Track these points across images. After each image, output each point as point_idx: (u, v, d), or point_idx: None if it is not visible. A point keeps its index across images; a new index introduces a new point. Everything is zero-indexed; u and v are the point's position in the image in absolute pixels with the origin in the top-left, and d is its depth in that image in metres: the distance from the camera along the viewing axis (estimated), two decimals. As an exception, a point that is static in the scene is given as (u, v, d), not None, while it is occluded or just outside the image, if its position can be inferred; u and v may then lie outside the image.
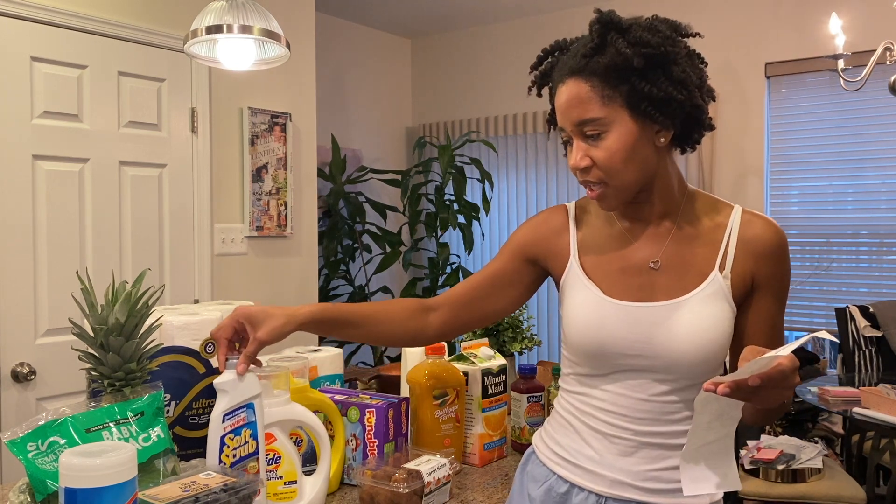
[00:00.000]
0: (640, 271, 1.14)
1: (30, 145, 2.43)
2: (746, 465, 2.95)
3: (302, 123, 3.37)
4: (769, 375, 0.88)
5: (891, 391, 2.75)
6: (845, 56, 2.90)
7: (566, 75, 1.09)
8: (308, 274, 3.42)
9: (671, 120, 1.07)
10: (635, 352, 1.10)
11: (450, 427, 1.54)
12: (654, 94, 1.04)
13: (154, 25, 2.77)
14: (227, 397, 1.13)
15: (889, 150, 3.76)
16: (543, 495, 1.18)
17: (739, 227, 1.12)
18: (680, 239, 1.14)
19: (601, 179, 1.09)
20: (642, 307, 1.11)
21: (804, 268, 3.99)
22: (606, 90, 1.05)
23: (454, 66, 5.16)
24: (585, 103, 1.06)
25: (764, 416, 1.07)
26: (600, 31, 1.06)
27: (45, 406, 2.43)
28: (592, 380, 1.16)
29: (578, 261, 1.19)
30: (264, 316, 1.18)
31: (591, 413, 1.15)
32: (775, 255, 1.11)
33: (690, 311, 1.08)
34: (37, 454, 1.05)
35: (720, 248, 1.12)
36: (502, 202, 4.95)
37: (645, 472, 1.11)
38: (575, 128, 1.09)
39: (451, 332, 1.28)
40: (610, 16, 1.07)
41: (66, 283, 2.51)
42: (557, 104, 1.11)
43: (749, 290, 1.12)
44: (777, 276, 1.12)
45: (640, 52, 1.03)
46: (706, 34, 4.18)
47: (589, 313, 1.13)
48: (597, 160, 1.08)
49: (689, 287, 1.11)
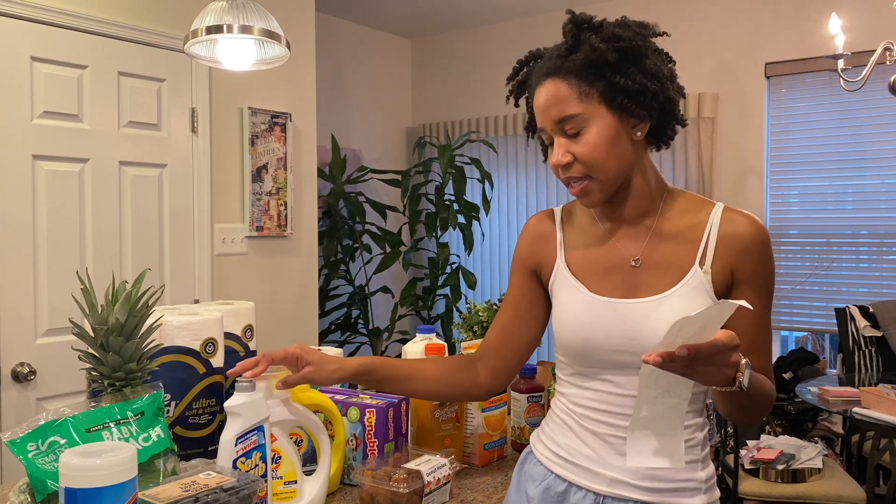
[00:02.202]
0: (622, 269, 1.16)
1: (30, 145, 2.43)
2: (746, 465, 2.95)
3: (302, 123, 3.37)
4: (699, 349, 0.87)
5: (891, 391, 2.75)
6: (845, 56, 2.89)
7: (543, 77, 1.12)
8: (308, 274, 3.42)
9: (647, 111, 1.11)
10: (621, 347, 1.12)
11: (450, 427, 1.54)
12: (629, 86, 1.08)
13: (154, 25, 2.77)
14: (240, 420, 1.13)
15: (889, 150, 3.76)
16: (541, 494, 1.19)
17: (720, 224, 1.13)
18: (660, 236, 1.16)
19: (584, 174, 1.12)
20: (627, 303, 1.13)
21: (804, 268, 3.99)
22: (583, 87, 1.09)
23: (454, 66, 5.16)
24: (564, 101, 1.10)
25: (728, 403, 1.04)
26: (573, 30, 1.11)
27: (45, 406, 2.43)
28: (584, 379, 1.17)
29: (565, 261, 1.22)
30: (320, 357, 1.25)
31: (586, 414, 1.16)
32: (756, 250, 1.11)
33: (672, 307, 1.09)
34: (37, 454, 1.05)
35: (700, 245, 1.13)
36: (502, 202, 4.95)
37: (643, 471, 1.11)
38: (555, 126, 1.11)
39: (501, 376, 1.31)
40: (582, 16, 1.11)
41: (66, 283, 2.51)
42: (536, 105, 1.14)
43: (730, 286, 1.12)
44: (759, 273, 1.12)
45: (613, 47, 1.07)
46: (706, 34, 4.18)
47: (577, 311, 1.16)
48: (578, 155, 1.11)
49: (671, 283, 1.12)
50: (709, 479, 1.14)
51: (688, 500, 1.11)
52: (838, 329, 3.64)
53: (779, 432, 3.58)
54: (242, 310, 1.60)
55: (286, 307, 3.30)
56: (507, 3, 4.54)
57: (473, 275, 4.55)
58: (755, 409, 1.07)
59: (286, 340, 3.13)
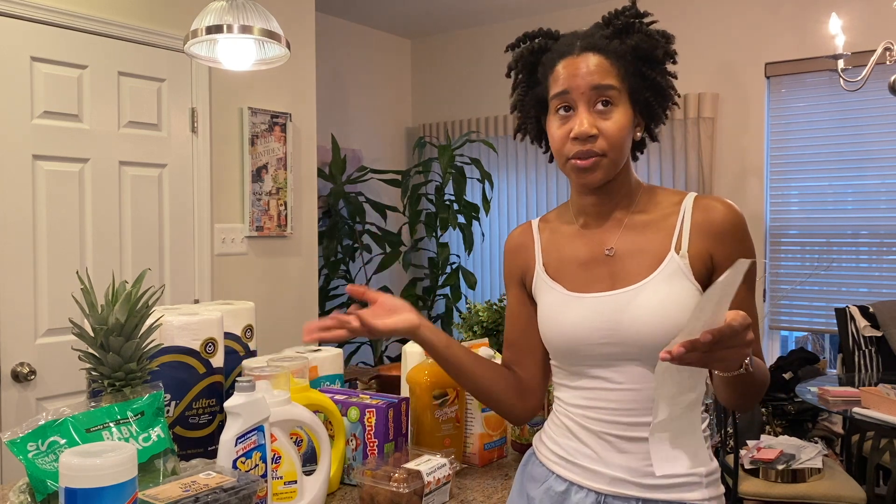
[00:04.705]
0: (598, 263, 1.17)
1: (30, 145, 2.43)
2: (746, 465, 2.95)
3: (302, 123, 3.37)
4: (721, 332, 0.86)
5: (891, 391, 2.75)
6: (845, 56, 2.89)
7: (583, 49, 1.12)
8: (308, 274, 3.42)
9: (661, 112, 1.16)
10: (603, 340, 1.12)
11: (450, 427, 1.54)
12: (659, 85, 1.13)
13: (154, 25, 2.77)
14: (240, 420, 1.13)
15: (889, 150, 3.76)
16: (542, 495, 1.19)
17: (693, 210, 1.14)
18: (633, 227, 1.17)
19: (603, 151, 1.11)
20: (604, 296, 1.13)
21: (804, 268, 3.99)
22: (621, 71, 1.11)
23: (454, 66, 5.16)
24: (606, 72, 1.11)
25: (733, 390, 1.04)
26: (628, 17, 1.13)
27: (45, 406, 2.43)
28: (576, 379, 1.18)
29: (543, 266, 1.23)
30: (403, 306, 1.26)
31: (582, 413, 1.17)
32: (731, 233, 1.12)
33: (651, 293, 1.10)
34: (37, 454, 1.05)
35: (675, 231, 1.13)
36: (502, 202, 4.95)
37: (643, 469, 1.11)
38: (590, 91, 1.11)
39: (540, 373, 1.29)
40: (637, 8, 1.15)
41: (66, 283, 2.51)
42: (570, 70, 1.12)
43: (710, 271, 1.12)
44: (737, 256, 1.10)
45: (663, 44, 1.13)
46: (706, 34, 4.18)
47: (555, 312, 1.17)
48: (604, 131, 1.11)
49: (648, 271, 1.12)
50: (710, 474, 1.13)
51: (688, 494, 1.11)
52: (838, 329, 3.64)
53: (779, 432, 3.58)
54: (242, 310, 1.60)
55: (286, 307, 3.29)
56: (507, 3, 4.54)
57: (473, 275, 4.55)
58: (756, 391, 1.07)
59: (286, 340, 3.13)
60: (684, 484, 1.11)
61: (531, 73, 1.20)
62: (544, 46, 1.19)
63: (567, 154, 1.13)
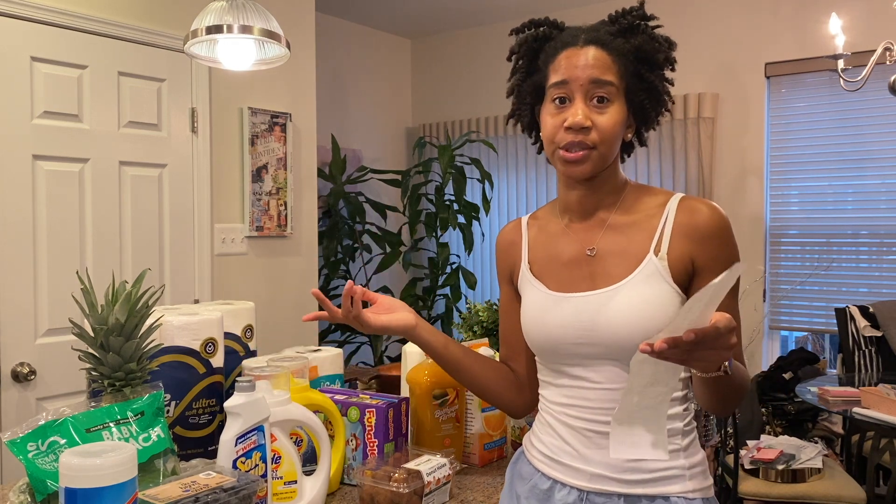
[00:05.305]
0: (580, 262, 1.17)
1: (30, 145, 2.43)
2: (746, 465, 2.95)
3: (302, 123, 3.37)
4: (705, 333, 0.86)
5: (891, 391, 2.75)
6: (845, 56, 2.89)
7: (588, 42, 1.13)
8: (308, 274, 3.42)
9: (653, 116, 1.17)
10: (580, 340, 1.13)
11: (450, 427, 1.54)
12: (655, 88, 1.14)
13: (154, 25, 2.77)
14: (240, 420, 1.13)
15: (889, 150, 3.76)
16: (528, 492, 1.21)
17: (676, 212, 1.14)
18: (615, 227, 1.17)
19: (594, 143, 1.12)
20: (584, 296, 1.14)
21: (804, 268, 3.99)
22: (621, 69, 1.13)
23: (454, 66, 5.16)
24: (606, 68, 1.12)
25: (711, 391, 1.03)
26: (635, 17, 1.15)
27: (45, 406, 2.43)
28: (557, 377, 1.19)
29: (528, 264, 1.24)
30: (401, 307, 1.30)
31: (563, 411, 1.18)
32: (714, 236, 1.11)
33: (628, 294, 1.10)
34: (37, 454, 1.05)
35: (656, 233, 1.13)
36: (502, 202, 4.95)
37: (623, 464, 1.11)
38: (589, 84, 1.11)
39: (535, 368, 1.30)
40: (645, 10, 1.16)
41: (66, 283, 2.51)
42: (572, 61, 1.13)
43: (691, 274, 1.12)
44: (720, 259, 1.11)
45: (666, 48, 1.15)
46: (706, 34, 4.18)
47: (536, 311, 1.18)
48: (598, 124, 1.11)
49: (626, 272, 1.12)
50: (694, 466, 1.13)
51: (670, 487, 1.11)
52: (838, 329, 3.64)
53: (779, 432, 3.58)
54: (242, 310, 1.60)
55: (286, 307, 3.29)
56: (507, 3, 4.54)
57: (473, 275, 4.55)
58: (734, 394, 1.05)
59: (286, 340, 3.13)
60: (666, 477, 1.11)
61: (532, 60, 1.21)
62: (549, 35, 1.20)
63: (558, 143, 1.14)
